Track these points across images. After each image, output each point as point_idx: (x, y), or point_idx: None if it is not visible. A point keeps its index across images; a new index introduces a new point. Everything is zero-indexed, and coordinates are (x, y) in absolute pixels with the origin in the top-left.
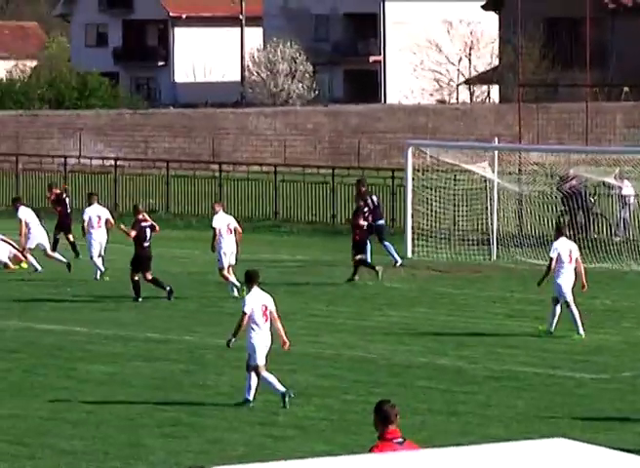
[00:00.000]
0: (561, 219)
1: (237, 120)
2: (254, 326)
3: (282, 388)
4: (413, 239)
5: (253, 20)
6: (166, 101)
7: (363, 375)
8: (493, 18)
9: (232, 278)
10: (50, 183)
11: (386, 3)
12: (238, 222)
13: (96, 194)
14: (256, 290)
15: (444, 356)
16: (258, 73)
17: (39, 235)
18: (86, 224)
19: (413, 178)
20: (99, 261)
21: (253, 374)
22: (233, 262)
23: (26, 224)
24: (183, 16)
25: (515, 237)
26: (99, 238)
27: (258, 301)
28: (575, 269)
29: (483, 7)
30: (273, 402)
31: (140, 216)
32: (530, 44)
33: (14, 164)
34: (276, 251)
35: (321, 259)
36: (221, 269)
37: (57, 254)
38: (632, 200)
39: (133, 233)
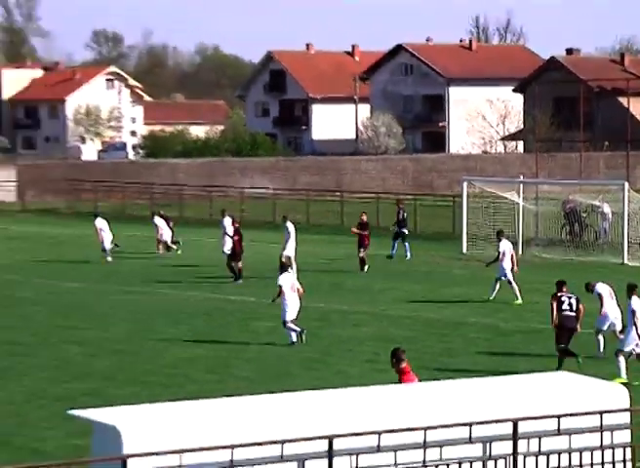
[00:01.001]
0: (502, 229)
1: (353, 164)
2: (286, 296)
3: (298, 328)
4: (467, 241)
5: (363, 99)
6: (307, 152)
7: (434, 329)
8: (519, 97)
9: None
10: (232, 215)
11: (450, 88)
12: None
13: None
14: (286, 274)
15: (487, 317)
16: (366, 133)
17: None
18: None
19: (467, 202)
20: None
21: (289, 326)
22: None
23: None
24: (318, 96)
25: (533, 239)
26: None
27: (288, 281)
28: (511, 258)
29: (513, 90)
30: (376, 346)
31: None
32: (543, 114)
33: (209, 193)
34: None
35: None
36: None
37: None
38: (610, 216)
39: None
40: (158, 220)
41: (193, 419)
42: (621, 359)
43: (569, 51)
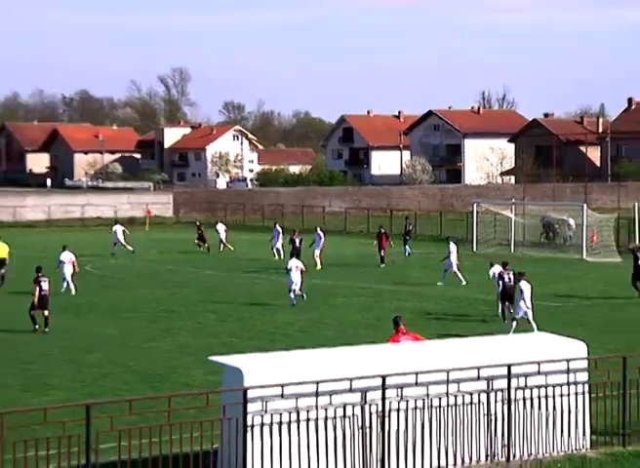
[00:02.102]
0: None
1: (398, 191)
2: (291, 272)
3: (300, 293)
4: (476, 243)
5: (406, 147)
6: (367, 183)
7: (454, 303)
8: (512, 146)
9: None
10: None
11: (465, 140)
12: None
13: None
14: (293, 259)
15: (480, 294)
16: (407, 170)
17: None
18: None
19: (476, 217)
20: None
21: (292, 293)
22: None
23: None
24: (375, 145)
25: (521, 242)
26: None
27: (293, 263)
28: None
29: (508, 141)
30: (413, 315)
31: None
32: (528, 157)
33: (301, 210)
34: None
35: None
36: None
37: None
38: (573, 227)
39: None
40: (220, 227)
41: (292, 363)
42: (514, 324)
43: (545, 114)
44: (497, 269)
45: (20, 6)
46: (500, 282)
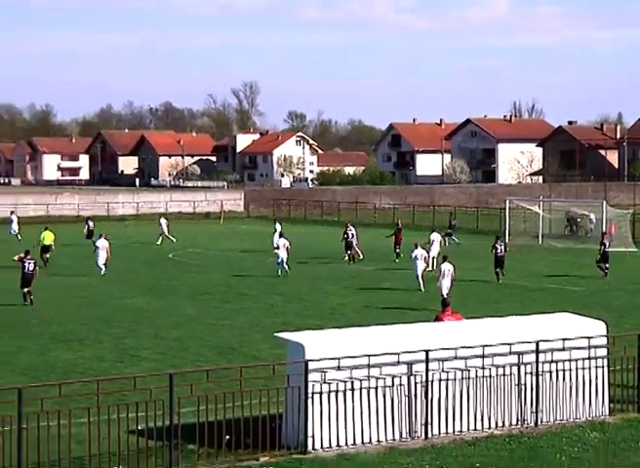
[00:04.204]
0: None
1: (440, 190)
2: (279, 249)
3: (286, 268)
4: (509, 235)
5: (447, 151)
6: (413, 182)
7: (488, 286)
8: (539, 150)
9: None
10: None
11: (498, 144)
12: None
13: None
14: (282, 239)
15: (512, 280)
16: (448, 171)
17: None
18: None
19: (509, 212)
20: None
21: (282, 265)
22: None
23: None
24: (420, 149)
25: (548, 234)
26: None
27: (282, 242)
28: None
29: (536, 146)
30: (455, 295)
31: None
32: (554, 160)
33: (355, 206)
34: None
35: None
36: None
37: None
38: (594, 221)
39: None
40: (162, 221)
41: (347, 338)
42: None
43: (570, 122)
44: (418, 251)
45: (110, 30)
46: (494, 251)
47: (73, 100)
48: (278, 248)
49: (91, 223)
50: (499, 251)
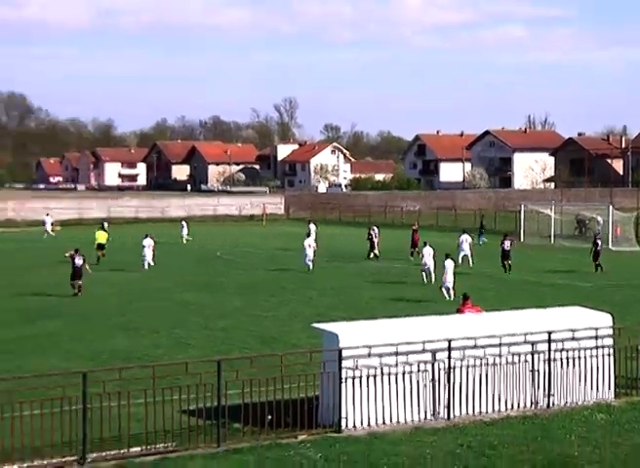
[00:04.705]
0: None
1: (461, 194)
2: (306, 249)
3: (311, 265)
4: (523, 235)
5: (467, 159)
6: (436, 188)
7: (503, 282)
8: (552, 159)
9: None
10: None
11: (514, 153)
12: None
13: None
14: (309, 238)
15: (529, 276)
16: (469, 178)
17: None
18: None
19: (523, 214)
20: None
21: (308, 263)
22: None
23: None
24: (443, 158)
25: (559, 235)
26: None
27: (307, 242)
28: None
29: (549, 155)
30: (473, 290)
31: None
32: (564, 168)
33: (384, 209)
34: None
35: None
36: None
37: None
38: (601, 222)
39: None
40: (312, 226)
41: (377, 329)
42: (450, 293)
43: (579, 133)
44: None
45: (166, 56)
46: (502, 246)
47: (132, 115)
48: (305, 247)
49: (105, 224)
50: (505, 246)
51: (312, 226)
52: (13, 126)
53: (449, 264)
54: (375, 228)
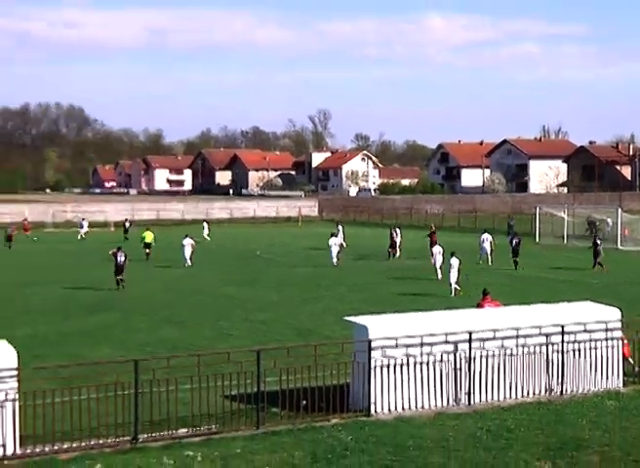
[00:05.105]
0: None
1: (481, 198)
2: (332, 247)
3: (336, 261)
4: (539, 236)
5: (487, 166)
6: (458, 192)
7: (518, 280)
8: (565, 165)
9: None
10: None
11: (530, 160)
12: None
13: None
14: (334, 238)
15: (527, 269)
16: (488, 183)
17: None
18: None
19: (539, 217)
20: None
21: (334, 261)
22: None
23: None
24: (465, 165)
25: (571, 235)
26: None
27: (332, 241)
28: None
29: (562, 161)
30: (490, 285)
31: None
32: (576, 174)
33: (410, 212)
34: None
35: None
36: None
37: None
38: (610, 224)
39: None
40: (339, 226)
41: (403, 322)
42: (452, 288)
43: (590, 142)
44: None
45: (209, 72)
46: (510, 243)
47: (179, 125)
48: (331, 246)
49: (127, 224)
50: (514, 243)
51: (340, 227)
52: (72, 136)
53: (454, 262)
54: (397, 229)
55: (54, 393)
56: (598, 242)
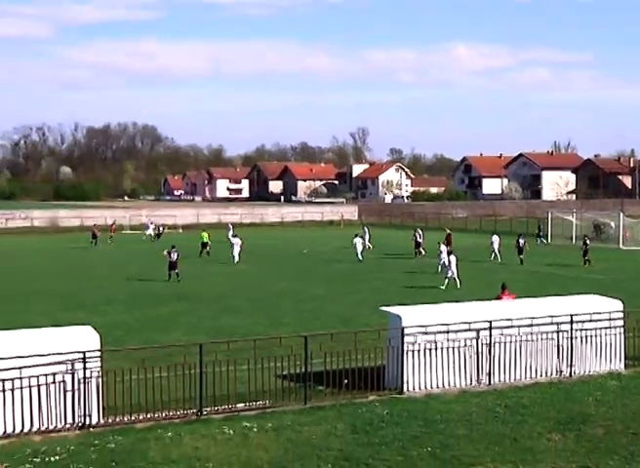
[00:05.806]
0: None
1: (500, 204)
2: (357, 245)
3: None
4: (551, 237)
5: (505, 176)
6: (480, 198)
7: (534, 276)
8: (573, 176)
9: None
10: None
11: (543, 171)
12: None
13: None
14: (358, 237)
15: (540, 266)
16: (506, 191)
17: None
18: None
19: (551, 220)
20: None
21: (359, 257)
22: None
23: None
24: (486, 175)
25: (579, 237)
26: None
27: (356, 239)
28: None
29: (571, 172)
30: (507, 279)
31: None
32: (583, 183)
33: (438, 216)
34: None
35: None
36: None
37: None
38: (614, 227)
39: None
40: (365, 229)
41: (432, 311)
42: (446, 281)
43: (596, 155)
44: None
45: (282, 92)
46: (517, 243)
47: (238, 141)
48: (356, 244)
49: (153, 226)
50: (520, 243)
51: (366, 229)
52: (146, 151)
53: (452, 259)
54: (419, 231)
55: (131, 371)
56: (587, 242)
